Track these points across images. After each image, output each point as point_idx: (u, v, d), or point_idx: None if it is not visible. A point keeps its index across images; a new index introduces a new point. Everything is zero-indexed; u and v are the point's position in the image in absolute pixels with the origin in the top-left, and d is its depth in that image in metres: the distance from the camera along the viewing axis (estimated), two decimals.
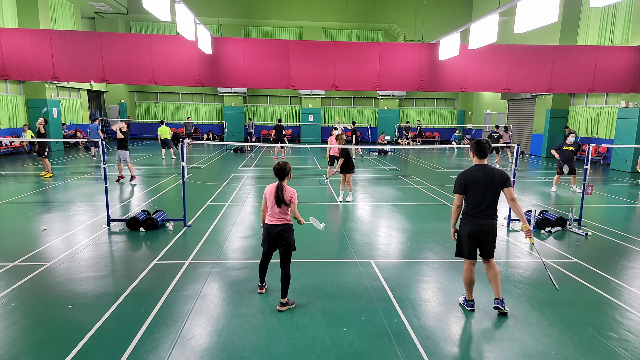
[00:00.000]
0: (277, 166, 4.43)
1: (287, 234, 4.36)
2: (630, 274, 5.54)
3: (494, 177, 4.18)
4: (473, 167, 4.30)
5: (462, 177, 4.27)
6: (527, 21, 9.54)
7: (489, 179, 4.17)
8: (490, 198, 4.19)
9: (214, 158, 17.97)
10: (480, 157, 4.29)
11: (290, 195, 4.35)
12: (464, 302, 4.52)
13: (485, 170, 4.22)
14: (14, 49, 14.27)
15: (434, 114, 29.82)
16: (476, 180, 4.19)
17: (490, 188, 4.17)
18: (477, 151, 4.28)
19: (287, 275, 4.39)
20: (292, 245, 4.42)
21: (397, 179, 13.15)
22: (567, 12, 18.70)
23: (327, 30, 27.74)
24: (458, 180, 4.30)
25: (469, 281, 4.39)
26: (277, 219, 4.36)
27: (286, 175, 4.42)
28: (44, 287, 4.83)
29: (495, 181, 4.17)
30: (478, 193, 4.18)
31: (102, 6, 22.95)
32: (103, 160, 7.29)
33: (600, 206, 9.83)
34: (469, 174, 4.25)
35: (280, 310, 4.32)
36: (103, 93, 27.07)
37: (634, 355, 3.66)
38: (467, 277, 4.39)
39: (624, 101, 16.37)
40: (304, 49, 15.60)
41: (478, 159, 4.30)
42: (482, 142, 4.27)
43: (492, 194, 4.19)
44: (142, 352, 3.57)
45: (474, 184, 4.19)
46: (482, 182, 4.18)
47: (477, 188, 4.18)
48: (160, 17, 10.12)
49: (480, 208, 4.19)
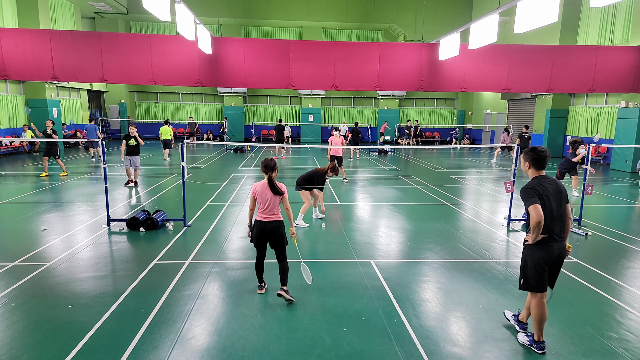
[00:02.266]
0: (265, 161, 4.60)
1: (280, 230, 4.52)
2: (630, 274, 5.54)
3: (560, 186, 3.55)
4: (536, 181, 3.54)
5: (533, 188, 3.46)
6: (527, 21, 9.54)
7: (557, 193, 3.51)
8: (563, 213, 3.52)
9: (214, 158, 17.98)
10: (539, 168, 3.58)
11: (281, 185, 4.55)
12: (530, 342, 3.72)
13: (550, 182, 3.54)
14: (13, 49, 14.26)
15: (434, 114, 29.82)
16: (546, 190, 3.47)
17: (561, 200, 3.52)
18: (535, 161, 3.57)
19: (285, 267, 4.58)
20: (284, 240, 4.60)
21: (397, 179, 13.15)
22: (567, 12, 18.70)
23: (327, 30, 27.74)
24: (529, 191, 3.45)
25: (542, 318, 3.62)
26: (270, 216, 4.49)
27: (274, 169, 4.58)
28: (44, 287, 4.83)
29: (563, 192, 3.54)
30: (553, 208, 3.46)
31: (102, 6, 22.96)
32: (103, 160, 7.30)
33: (600, 206, 9.83)
34: (536, 184, 3.49)
35: (280, 295, 4.46)
36: (103, 93, 27.07)
37: (634, 355, 3.66)
38: (540, 312, 3.60)
39: (624, 101, 16.38)
40: (304, 49, 15.59)
41: (536, 170, 3.59)
42: (541, 151, 3.55)
43: (564, 209, 3.53)
44: (142, 352, 3.57)
45: (548, 195, 3.46)
46: (554, 196, 3.48)
47: (551, 201, 3.46)
48: (160, 17, 10.12)
49: (557, 228, 3.49)
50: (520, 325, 3.99)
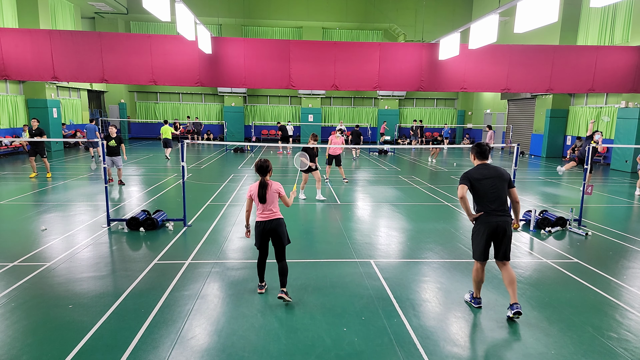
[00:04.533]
0: (258, 163, 4.52)
1: (281, 227, 4.48)
2: (630, 274, 5.54)
3: (500, 172, 4.30)
4: (476, 167, 4.39)
5: (467, 174, 4.32)
6: (527, 21, 9.54)
7: (495, 174, 4.27)
8: (501, 193, 4.24)
9: (214, 158, 17.98)
10: (481, 158, 4.42)
11: (276, 189, 4.49)
12: (470, 299, 4.57)
13: (488, 167, 4.34)
14: (14, 49, 14.26)
15: (434, 114, 29.82)
16: (482, 175, 4.27)
17: (499, 183, 4.24)
18: (478, 153, 4.42)
19: (284, 267, 4.52)
20: (285, 239, 4.54)
21: (397, 179, 13.15)
22: (567, 12, 18.70)
23: (327, 30, 27.74)
24: (463, 176, 4.33)
25: (479, 280, 4.45)
26: (269, 215, 4.46)
27: (268, 172, 4.50)
28: (44, 287, 4.82)
29: (503, 177, 4.27)
30: (487, 189, 4.23)
31: (102, 6, 22.96)
32: (103, 160, 7.31)
33: (600, 206, 9.83)
34: (474, 171, 4.33)
35: (281, 297, 4.40)
36: (103, 93, 27.06)
37: (634, 355, 3.66)
38: (477, 276, 4.44)
39: (624, 101, 16.37)
40: (304, 49, 15.59)
41: (479, 160, 4.42)
42: (482, 145, 4.42)
43: (502, 190, 4.25)
44: (142, 352, 3.57)
45: (482, 179, 4.25)
46: (490, 177, 4.26)
47: (485, 183, 4.23)
48: (160, 17, 10.12)
49: (494, 205, 4.22)
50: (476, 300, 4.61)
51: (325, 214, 8.63)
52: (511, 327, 4.11)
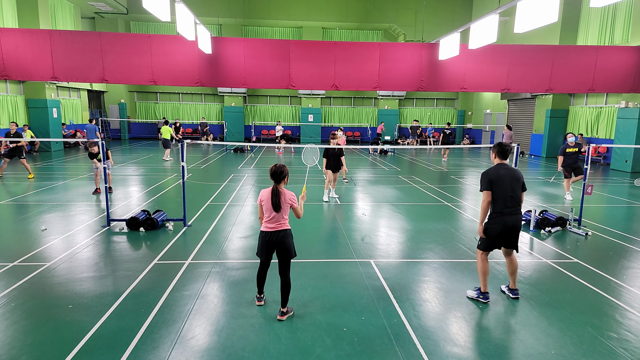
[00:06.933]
0: (273, 168, 4.13)
1: (287, 240, 4.11)
2: (630, 274, 5.54)
3: (517, 174, 4.51)
4: (495, 166, 4.56)
5: (487, 175, 4.47)
6: (527, 21, 9.54)
7: (511, 175, 4.46)
8: (516, 194, 4.44)
9: (213, 158, 17.97)
10: (502, 157, 4.60)
11: (289, 198, 4.12)
12: (477, 295, 4.61)
13: (507, 167, 4.53)
14: (13, 49, 14.26)
15: (434, 114, 29.81)
16: (501, 176, 4.43)
17: (515, 184, 4.45)
18: (499, 152, 4.59)
19: (287, 283, 4.16)
20: (292, 252, 4.17)
21: (397, 178, 13.15)
22: (567, 12, 18.70)
23: (327, 30, 27.73)
24: (484, 177, 4.49)
25: (485, 271, 4.56)
26: (276, 226, 4.09)
27: (283, 179, 4.13)
28: (44, 287, 4.82)
29: (519, 180, 4.50)
30: (505, 190, 4.40)
31: (102, 6, 22.95)
32: (103, 160, 7.31)
33: (600, 206, 9.82)
34: (493, 171, 4.49)
35: (280, 320, 4.12)
36: (103, 93, 27.06)
37: (634, 355, 3.66)
38: (483, 266, 4.55)
39: (624, 101, 16.37)
40: (304, 49, 15.59)
41: (499, 159, 4.59)
42: (504, 144, 4.59)
43: (517, 190, 4.47)
44: (142, 352, 3.57)
45: (500, 180, 4.41)
46: (507, 178, 4.43)
47: (504, 185, 4.40)
48: (160, 17, 10.12)
49: (510, 204, 4.41)
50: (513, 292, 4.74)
51: (325, 214, 8.63)
52: (511, 327, 4.11)
